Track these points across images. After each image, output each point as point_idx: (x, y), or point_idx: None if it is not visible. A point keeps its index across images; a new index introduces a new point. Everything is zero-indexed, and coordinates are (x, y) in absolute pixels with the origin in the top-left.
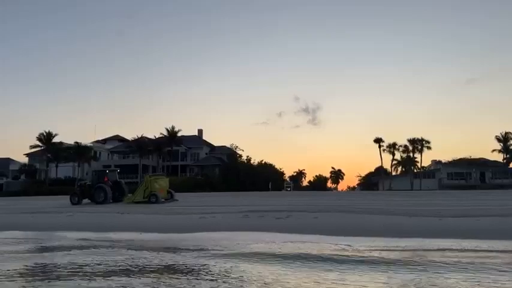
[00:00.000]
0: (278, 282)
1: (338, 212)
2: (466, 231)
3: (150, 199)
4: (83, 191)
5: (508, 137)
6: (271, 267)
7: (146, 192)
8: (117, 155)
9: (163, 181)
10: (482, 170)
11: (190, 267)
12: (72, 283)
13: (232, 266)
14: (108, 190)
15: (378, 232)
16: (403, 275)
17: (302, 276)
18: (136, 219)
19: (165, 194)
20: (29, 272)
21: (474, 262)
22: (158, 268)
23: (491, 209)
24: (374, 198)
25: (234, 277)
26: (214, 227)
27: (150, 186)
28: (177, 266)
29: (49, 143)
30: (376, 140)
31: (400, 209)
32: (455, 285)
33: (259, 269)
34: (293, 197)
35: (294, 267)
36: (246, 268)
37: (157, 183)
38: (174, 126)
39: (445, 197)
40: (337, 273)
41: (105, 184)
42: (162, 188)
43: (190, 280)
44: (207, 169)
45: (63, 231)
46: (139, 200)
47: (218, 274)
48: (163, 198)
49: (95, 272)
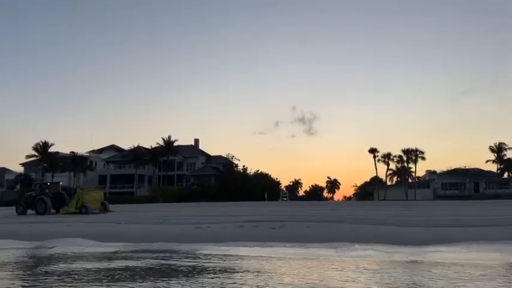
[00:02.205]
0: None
1: (330, 222)
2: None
3: (81, 210)
4: (28, 202)
5: (502, 148)
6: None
7: (78, 204)
8: (113, 165)
9: (97, 194)
10: (476, 180)
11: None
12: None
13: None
14: (49, 201)
15: (367, 240)
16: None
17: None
18: (130, 229)
19: (99, 205)
20: None
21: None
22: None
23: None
24: (368, 208)
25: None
26: (211, 237)
27: (81, 198)
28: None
29: (45, 153)
30: (371, 150)
31: (391, 219)
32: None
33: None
34: (289, 207)
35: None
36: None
37: (88, 195)
38: (171, 136)
39: (431, 208)
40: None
41: (46, 196)
42: (94, 200)
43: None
44: (203, 179)
45: None
46: (72, 210)
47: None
48: (97, 210)
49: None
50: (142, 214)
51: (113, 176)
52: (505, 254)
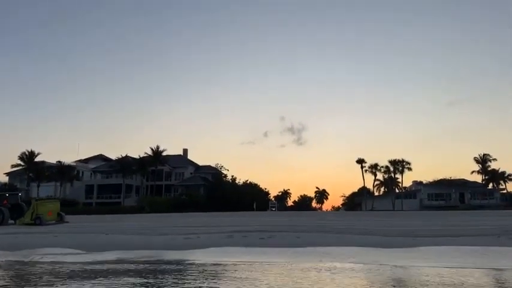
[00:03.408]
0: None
1: (318, 232)
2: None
3: (35, 221)
4: None
5: (486, 159)
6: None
7: (33, 215)
8: (100, 175)
9: (53, 205)
10: (462, 190)
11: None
12: None
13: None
14: (6, 212)
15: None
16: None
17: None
18: (122, 240)
19: (55, 216)
20: None
21: None
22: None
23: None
24: (355, 218)
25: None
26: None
27: (36, 209)
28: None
29: (31, 162)
30: (358, 161)
31: (377, 229)
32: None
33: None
34: (277, 217)
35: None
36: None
37: (43, 206)
38: (159, 146)
39: (415, 218)
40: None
41: (3, 207)
42: (50, 211)
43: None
44: (191, 189)
45: None
46: (28, 221)
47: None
48: (53, 220)
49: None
50: (129, 224)
51: (100, 186)
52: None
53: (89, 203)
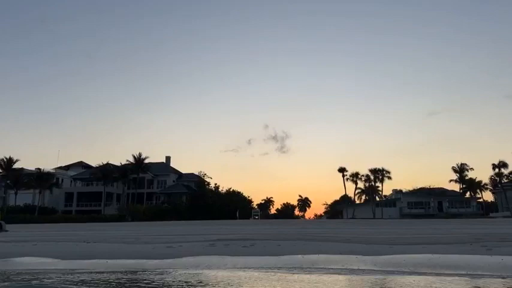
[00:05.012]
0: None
1: (300, 240)
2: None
3: None
4: None
5: (464, 168)
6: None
7: None
8: (81, 182)
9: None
10: (440, 199)
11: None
12: None
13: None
14: None
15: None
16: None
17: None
18: (103, 248)
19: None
20: None
21: None
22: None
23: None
24: (336, 227)
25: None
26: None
27: None
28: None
29: (9, 169)
30: (340, 170)
31: (357, 237)
32: None
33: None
34: (260, 225)
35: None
36: None
37: None
38: (141, 153)
39: (391, 226)
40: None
41: None
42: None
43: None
44: (174, 197)
45: None
46: None
47: None
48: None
49: None
50: (110, 232)
51: (80, 193)
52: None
53: (68, 210)
